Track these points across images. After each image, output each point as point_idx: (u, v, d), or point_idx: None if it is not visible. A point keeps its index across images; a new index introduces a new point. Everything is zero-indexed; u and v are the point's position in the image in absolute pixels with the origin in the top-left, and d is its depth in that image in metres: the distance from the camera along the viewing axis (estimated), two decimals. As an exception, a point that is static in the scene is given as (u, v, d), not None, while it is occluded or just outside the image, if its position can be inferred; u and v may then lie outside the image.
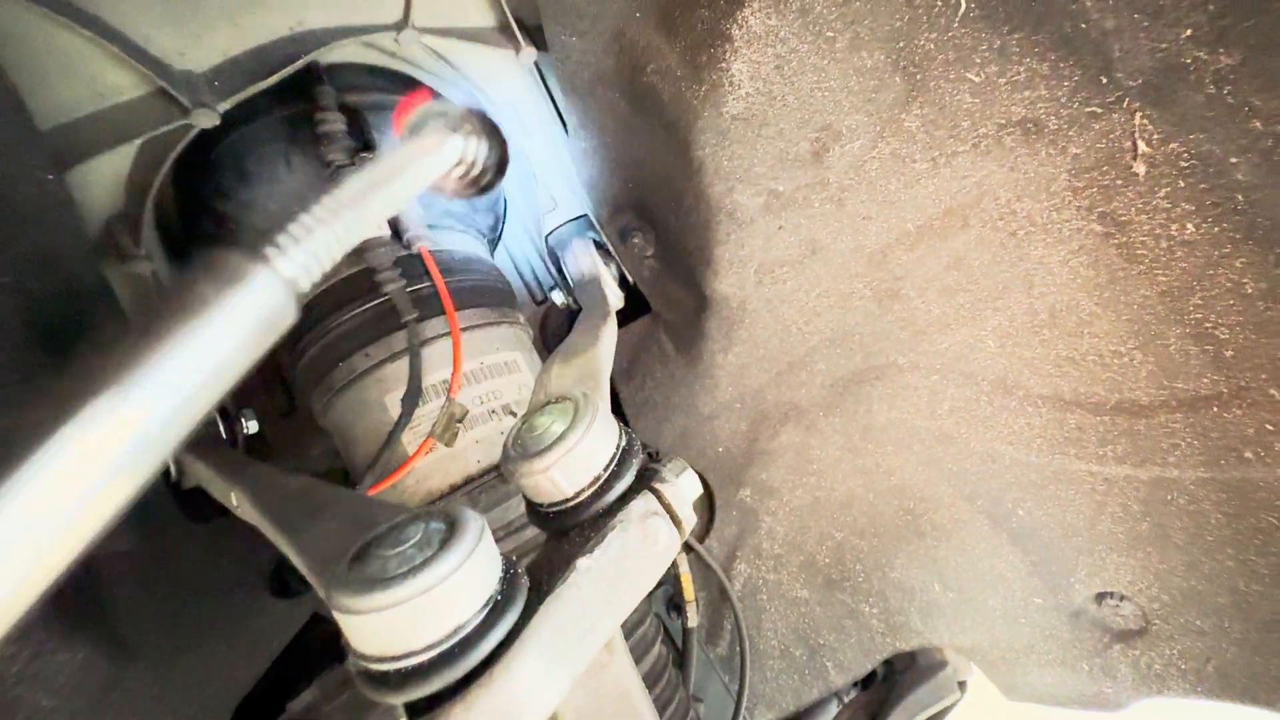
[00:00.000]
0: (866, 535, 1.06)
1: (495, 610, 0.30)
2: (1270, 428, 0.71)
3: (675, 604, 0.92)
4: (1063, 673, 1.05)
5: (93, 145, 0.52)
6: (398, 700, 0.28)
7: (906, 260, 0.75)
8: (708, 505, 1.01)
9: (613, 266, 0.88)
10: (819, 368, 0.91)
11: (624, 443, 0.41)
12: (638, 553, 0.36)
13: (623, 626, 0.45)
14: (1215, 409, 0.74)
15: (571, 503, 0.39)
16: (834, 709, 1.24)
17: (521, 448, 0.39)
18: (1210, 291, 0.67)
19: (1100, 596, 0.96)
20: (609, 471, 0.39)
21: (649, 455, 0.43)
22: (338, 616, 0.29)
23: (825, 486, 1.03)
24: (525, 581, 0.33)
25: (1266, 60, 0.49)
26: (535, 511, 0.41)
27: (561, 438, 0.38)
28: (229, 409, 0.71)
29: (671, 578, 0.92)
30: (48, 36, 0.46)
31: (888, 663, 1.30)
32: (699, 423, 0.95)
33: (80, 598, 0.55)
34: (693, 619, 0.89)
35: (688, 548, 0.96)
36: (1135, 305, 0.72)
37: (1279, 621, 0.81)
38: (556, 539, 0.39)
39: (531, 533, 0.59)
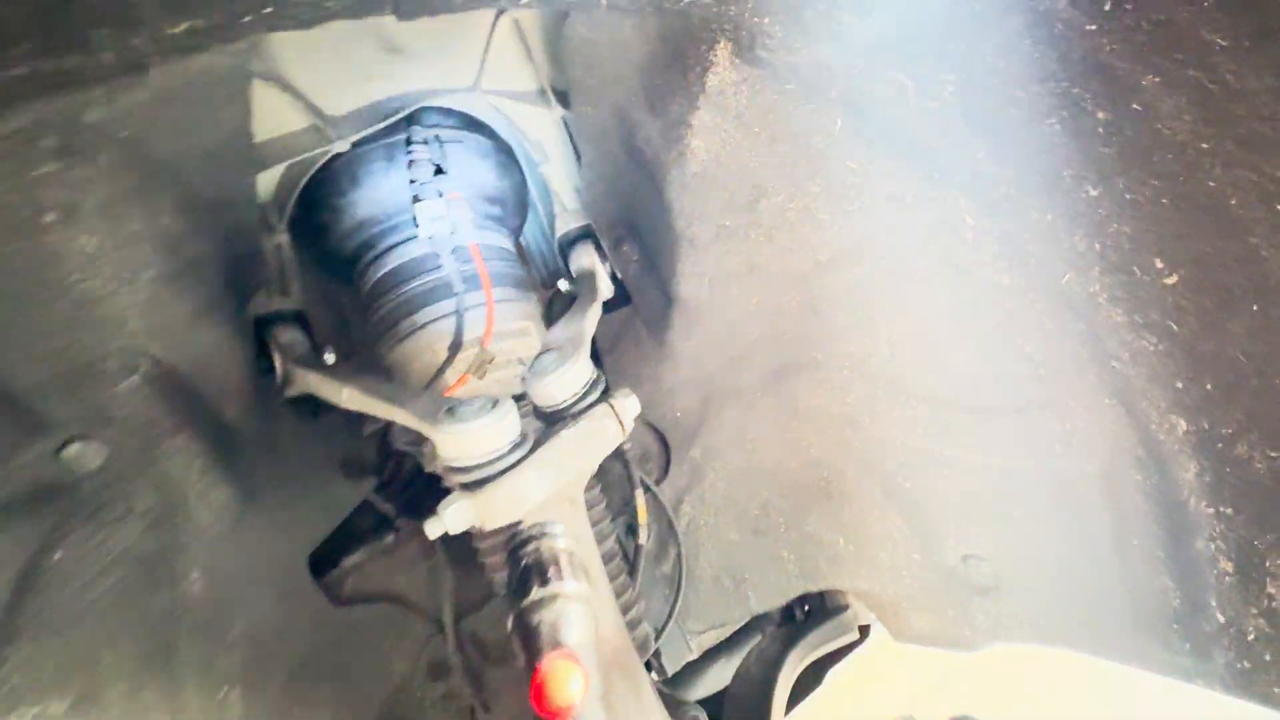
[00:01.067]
0: (788, 495, 1.32)
1: (516, 448, 0.58)
2: (1070, 430, 0.97)
3: (632, 528, 1.20)
4: (934, 617, 1.30)
5: (270, 158, 0.81)
6: (466, 480, 0.57)
7: (821, 282, 1.02)
8: (664, 458, 1.29)
9: (607, 266, 1.15)
10: (758, 359, 1.18)
11: (595, 376, 0.69)
12: (596, 433, 0.65)
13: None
14: (1036, 413, 1.00)
15: (561, 405, 0.67)
16: (758, 638, 1.52)
17: (536, 371, 0.67)
18: (1025, 325, 0.93)
19: (966, 558, 1.22)
20: (584, 390, 0.67)
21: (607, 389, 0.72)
22: (439, 436, 0.57)
23: (759, 454, 1.29)
24: (532, 438, 0.61)
25: (1030, 175, 0.76)
26: (538, 411, 0.69)
27: (559, 367, 0.66)
28: (317, 342, 0.99)
29: (630, 508, 1.20)
30: (261, 89, 0.74)
31: (805, 607, 1.57)
32: (663, 393, 1.23)
33: (230, 456, 0.83)
34: (643, 538, 1.18)
35: (646, 488, 1.24)
36: (979, 331, 0.98)
37: (1084, 580, 1.07)
38: (550, 425, 0.67)
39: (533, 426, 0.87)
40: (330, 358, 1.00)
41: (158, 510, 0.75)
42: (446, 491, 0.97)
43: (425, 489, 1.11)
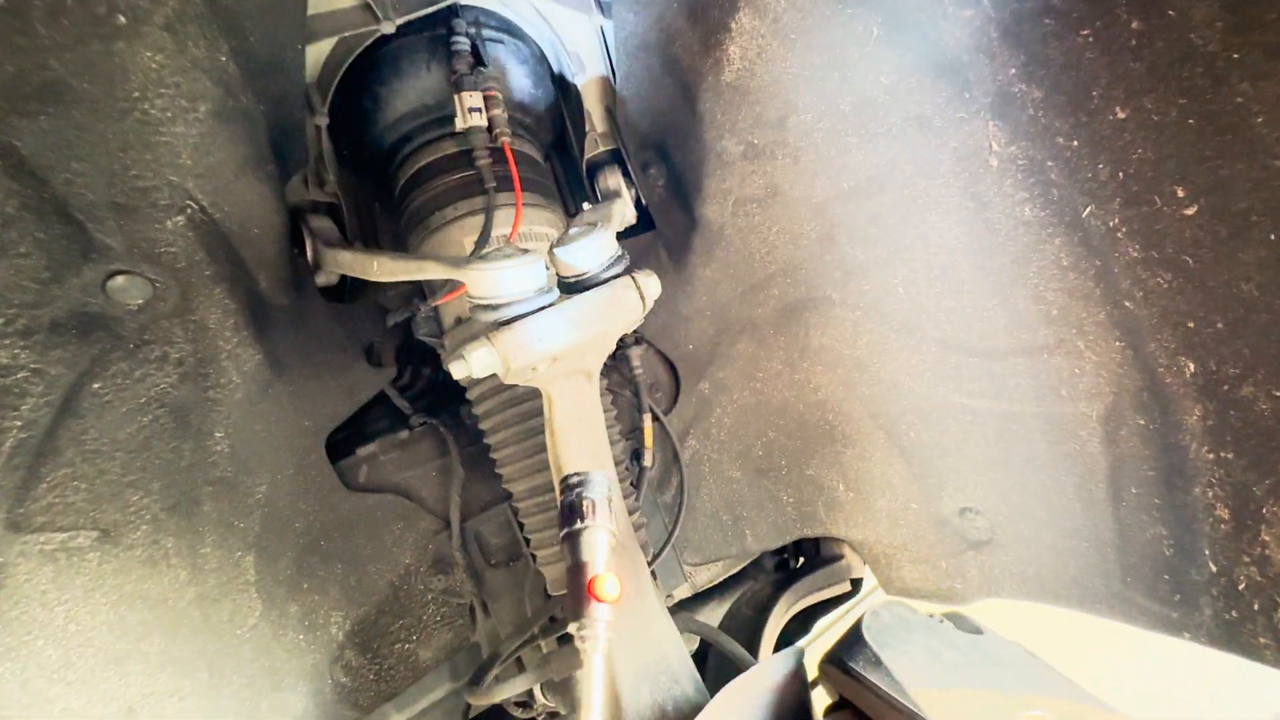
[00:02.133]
0: (793, 437, 1.35)
1: (542, 294, 0.61)
2: (1077, 372, 0.99)
3: (637, 454, 1.23)
4: (926, 569, 1.32)
5: (320, 32, 0.83)
6: (491, 318, 0.59)
7: (841, 212, 1.04)
8: (674, 389, 1.32)
9: (632, 191, 1.18)
10: (773, 293, 1.20)
11: (620, 252, 0.72)
12: (618, 300, 0.67)
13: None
14: (1044, 356, 1.01)
15: (585, 274, 0.69)
16: (750, 584, 1.55)
17: (563, 240, 0.70)
18: (1041, 262, 0.94)
19: (963, 510, 1.23)
20: (610, 261, 0.70)
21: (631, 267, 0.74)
22: (471, 275, 0.60)
23: (767, 392, 1.32)
24: (558, 293, 0.64)
25: (1057, 96, 0.77)
26: (563, 282, 0.71)
27: (587, 234, 0.68)
28: (347, 235, 1.02)
29: (637, 432, 1.23)
30: (311, -37, 0.77)
31: (800, 556, 1.60)
32: (678, 321, 1.25)
33: (261, 323, 0.86)
34: (648, 461, 1.21)
35: (654, 417, 1.27)
36: (995, 269, 0.99)
37: (1077, 530, 1.08)
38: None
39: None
40: (359, 247, 1.03)
41: (192, 361, 0.79)
42: (462, 391, 1.00)
43: (442, 388, 1.14)
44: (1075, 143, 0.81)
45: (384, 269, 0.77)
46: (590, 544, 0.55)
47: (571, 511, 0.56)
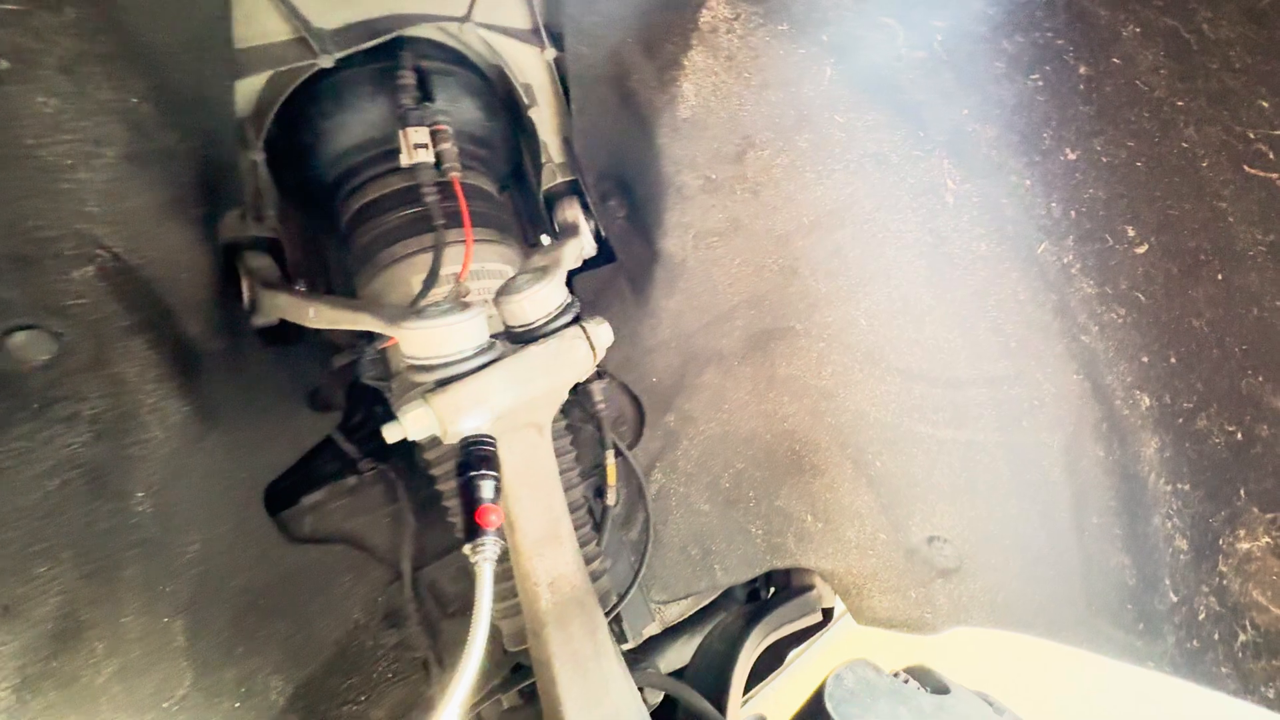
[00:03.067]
0: (761, 467, 1.33)
1: (483, 352, 0.57)
2: (1037, 402, 0.99)
3: (600, 491, 1.19)
4: (895, 599, 1.31)
5: (251, 67, 0.79)
6: (427, 379, 0.55)
7: (803, 245, 1.03)
8: (639, 421, 1.29)
9: (591, 223, 1.15)
10: (738, 323, 1.18)
11: (569, 300, 0.69)
12: (566, 352, 0.64)
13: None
14: (1005, 386, 1.02)
15: (532, 324, 0.66)
16: (722, 616, 1.52)
17: (509, 289, 0.66)
18: (999, 295, 0.95)
19: (931, 539, 1.23)
20: (558, 311, 0.66)
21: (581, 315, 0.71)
22: (404, 333, 0.56)
23: (734, 422, 1.30)
24: (501, 348, 0.60)
25: (1010, 136, 0.77)
26: (510, 333, 0.68)
27: (533, 284, 0.65)
28: (291, 274, 0.97)
29: (600, 468, 1.19)
30: (247, -7, 0.73)
31: (771, 586, 1.58)
32: (642, 353, 1.23)
33: (190, 372, 0.80)
34: (611, 499, 1.17)
35: (618, 452, 1.23)
36: (955, 302, 1.00)
37: (1042, 558, 1.08)
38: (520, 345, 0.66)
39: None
40: (302, 286, 0.97)
41: (108, 418, 0.73)
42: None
43: (392, 432, 1.09)
44: (1028, 181, 0.82)
45: (321, 316, 0.72)
46: (479, 485, 0.61)
47: (467, 465, 0.61)
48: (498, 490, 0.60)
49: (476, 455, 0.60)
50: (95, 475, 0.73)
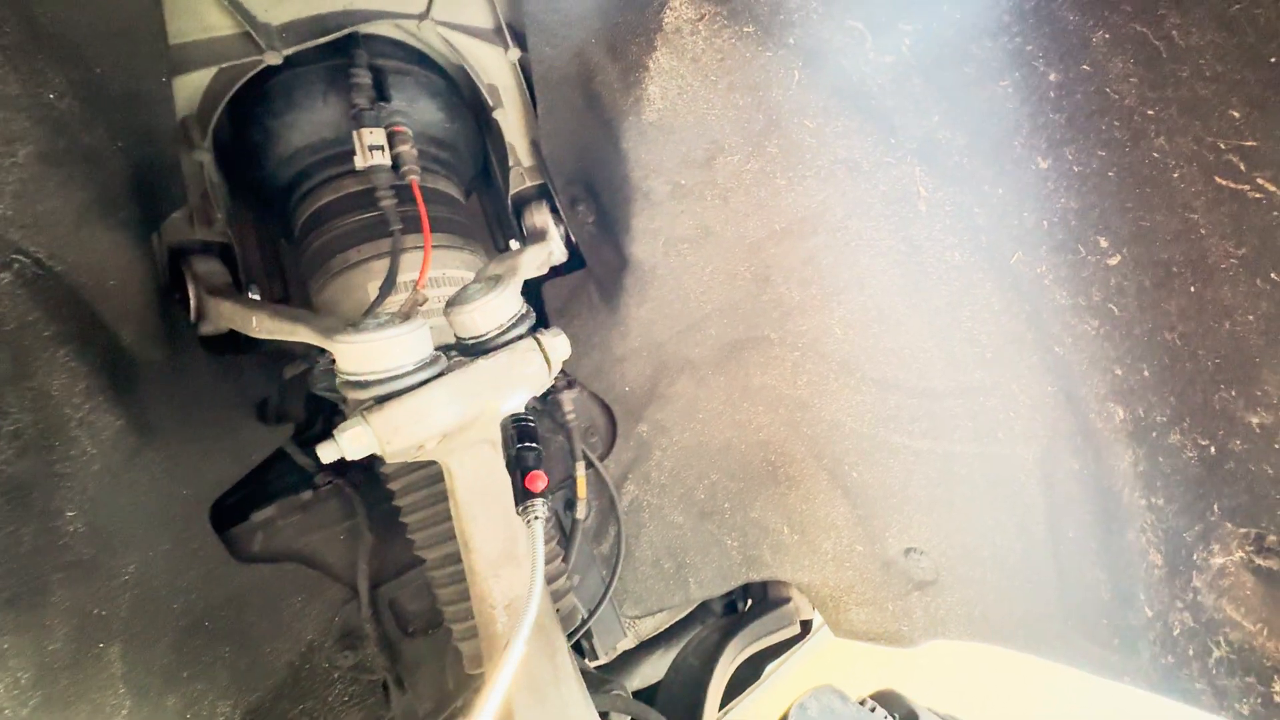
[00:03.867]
0: (736, 478, 1.30)
1: (425, 367, 0.54)
2: (1012, 414, 0.97)
3: (570, 504, 1.15)
4: (872, 611, 1.29)
5: (192, 63, 0.74)
6: (364, 396, 0.52)
7: (775, 252, 1.01)
8: (610, 432, 1.25)
9: (561, 228, 1.12)
10: (711, 332, 1.16)
11: (524, 310, 0.65)
12: (518, 365, 0.60)
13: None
14: (981, 397, 1.00)
15: (483, 336, 0.62)
16: (697, 629, 1.49)
17: (459, 299, 0.63)
18: (973, 305, 0.93)
19: (908, 551, 1.21)
20: (511, 322, 0.63)
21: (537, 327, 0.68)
22: (339, 347, 0.52)
23: (708, 433, 1.27)
24: (445, 361, 0.57)
25: (981, 143, 0.76)
26: (461, 345, 0.64)
27: (484, 294, 0.62)
28: (242, 280, 0.93)
29: (570, 481, 1.16)
30: (182, -15, 0.69)
31: (748, 599, 1.55)
32: (612, 362, 1.19)
33: (123, 383, 0.76)
34: (581, 512, 1.13)
35: (588, 463, 1.20)
36: (930, 311, 0.98)
37: (1019, 571, 1.07)
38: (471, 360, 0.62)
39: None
40: (255, 294, 0.93)
41: (31, 433, 0.68)
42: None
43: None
44: (1000, 190, 0.80)
45: (263, 326, 0.68)
46: (526, 456, 0.66)
47: (517, 437, 0.67)
48: (539, 459, 0.67)
49: (522, 428, 0.66)
50: (18, 494, 0.68)
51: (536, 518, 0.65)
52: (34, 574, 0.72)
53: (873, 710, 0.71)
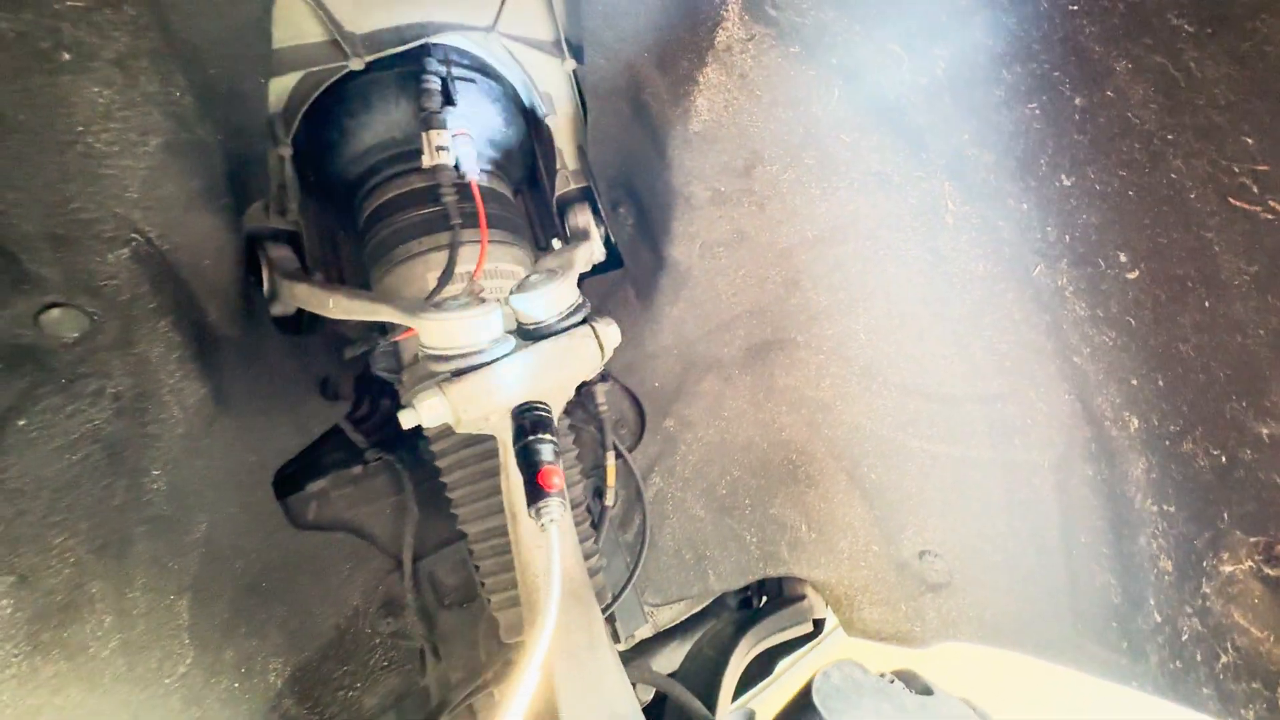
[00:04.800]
0: (757, 475, 1.34)
1: (497, 345, 0.60)
2: (1030, 421, 1.01)
3: (599, 491, 1.21)
4: (885, 611, 1.32)
5: (285, 65, 0.82)
6: (444, 369, 0.58)
7: (805, 259, 1.06)
8: (639, 425, 1.31)
9: (602, 229, 1.18)
10: (739, 333, 1.21)
11: (580, 301, 0.71)
12: (576, 349, 0.67)
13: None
14: (999, 404, 1.04)
15: (543, 322, 0.68)
16: (712, 623, 1.53)
17: (523, 286, 0.69)
18: (995, 315, 0.97)
19: (922, 553, 1.24)
20: (569, 310, 0.69)
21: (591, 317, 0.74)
22: (424, 324, 0.58)
23: (732, 430, 1.32)
24: (514, 342, 0.63)
25: (1008, 161, 0.81)
26: (522, 330, 0.70)
27: (547, 283, 0.68)
28: (309, 265, 1.00)
29: (600, 469, 1.22)
30: (284, -2, 0.77)
31: (763, 595, 1.59)
32: (643, 358, 1.25)
33: (208, 356, 0.83)
34: (610, 500, 1.19)
35: (618, 454, 1.25)
36: (952, 320, 1.02)
37: (1030, 575, 1.10)
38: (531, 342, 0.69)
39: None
40: (319, 277, 1.00)
41: (130, 395, 0.75)
42: (418, 429, 0.98)
43: (397, 422, 1.11)
44: (1025, 205, 0.85)
45: (340, 307, 0.75)
46: (538, 449, 0.62)
47: (521, 430, 0.63)
48: (557, 453, 0.62)
49: (532, 420, 0.62)
50: (114, 451, 0.76)
51: (552, 520, 0.59)
52: (121, 525, 0.79)
53: (891, 683, 0.76)
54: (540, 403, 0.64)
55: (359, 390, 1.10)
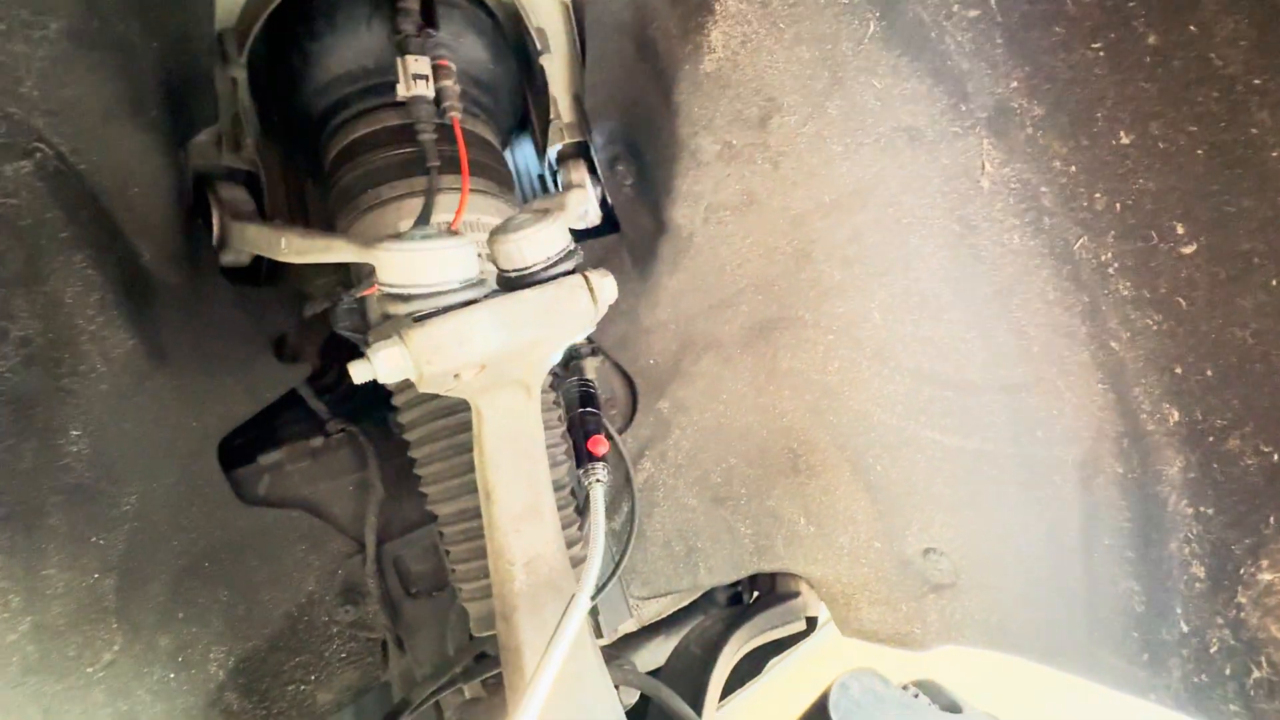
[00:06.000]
0: (754, 464, 1.26)
1: (470, 287, 0.50)
2: (1055, 413, 0.93)
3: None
4: (885, 611, 1.26)
5: (234, -30, 0.71)
6: (404, 310, 0.48)
7: (820, 227, 0.97)
8: (630, 406, 1.22)
9: (597, 189, 1.08)
10: (742, 309, 1.12)
11: (571, 246, 0.61)
12: (565, 301, 0.57)
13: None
14: (1022, 394, 0.96)
15: (529, 269, 0.59)
16: (700, 619, 1.45)
17: (505, 227, 0.59)
18: (1026, 294, 0.89)
19: (927, 551, 1.17)
20: (559, 256, 0.59)
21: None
22: (380, 255, 0.48)
23: (729, 415, 1.23)
24: (490, 286, 0.53)
25: (1059, 115, 0.72)
26: (503, 277, 0.60)
27: (534, 224, 0.58)
28: (267, 212, 0.89)
29: (587, 451, 1.12)
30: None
31: (754, 592, 1.51)
32: (638, 332, 1.16)
33: (139, 302, 0.72)
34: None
35: (607, 435, 1.16)
36: (977, 299, 0.94)
37: (1044, 579, 1.03)
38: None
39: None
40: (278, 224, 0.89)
41: (40, 341, 0.64)
42: (387, 396, 0.88)
43: (369, 392, 1.01)
44: (1073, 168, 0.76)
45: (292, 247, 0.65)
46: (590, 420, 0.66)
47: (582, 399, 0.67)
48: (599, 424, 0.60)
49: (585, 392, 0.65)
50: (22, 406, 0.65)
51: (599, 480, 0.64)
52: (31, 494, 0.69)
53: (915, 696, 0.68)
54: (587, 379, 0.60)
55: (325, 355, 0.99)
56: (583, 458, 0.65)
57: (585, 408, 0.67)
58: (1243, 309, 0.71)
